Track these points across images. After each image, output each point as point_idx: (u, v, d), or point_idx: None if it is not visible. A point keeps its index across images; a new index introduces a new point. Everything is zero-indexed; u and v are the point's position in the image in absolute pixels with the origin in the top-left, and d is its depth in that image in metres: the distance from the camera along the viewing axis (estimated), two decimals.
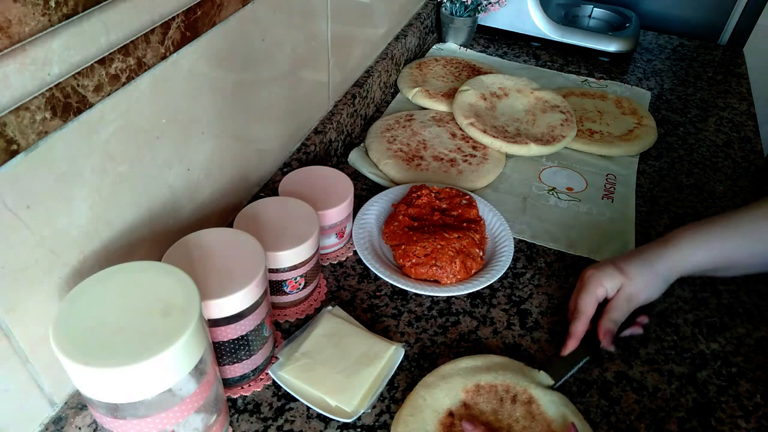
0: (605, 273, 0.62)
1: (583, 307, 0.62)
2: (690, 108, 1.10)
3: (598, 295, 0.62)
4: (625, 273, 0.62)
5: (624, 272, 0.62)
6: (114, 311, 0.43)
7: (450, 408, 0.56)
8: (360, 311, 0.68)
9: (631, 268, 0.62)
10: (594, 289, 0.62)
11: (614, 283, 0.62)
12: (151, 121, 0.54)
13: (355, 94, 0.95)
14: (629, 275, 0.62)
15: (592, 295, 0.62)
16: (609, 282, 0.62)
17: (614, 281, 0.62)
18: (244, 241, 0.54)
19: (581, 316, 0.62)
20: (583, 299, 0.62)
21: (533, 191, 0.87)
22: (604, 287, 0.62)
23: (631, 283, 0.61)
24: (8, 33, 0.38)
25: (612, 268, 0.62)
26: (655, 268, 0.62)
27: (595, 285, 0.62)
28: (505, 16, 1.25)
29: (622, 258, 0.64)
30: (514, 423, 0.55)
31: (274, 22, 0.69)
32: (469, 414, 0.56)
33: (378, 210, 0.79)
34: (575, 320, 0.63)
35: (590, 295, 0.62)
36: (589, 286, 0.62)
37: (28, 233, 0.44)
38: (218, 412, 0.50)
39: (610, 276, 0.62)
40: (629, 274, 0.62)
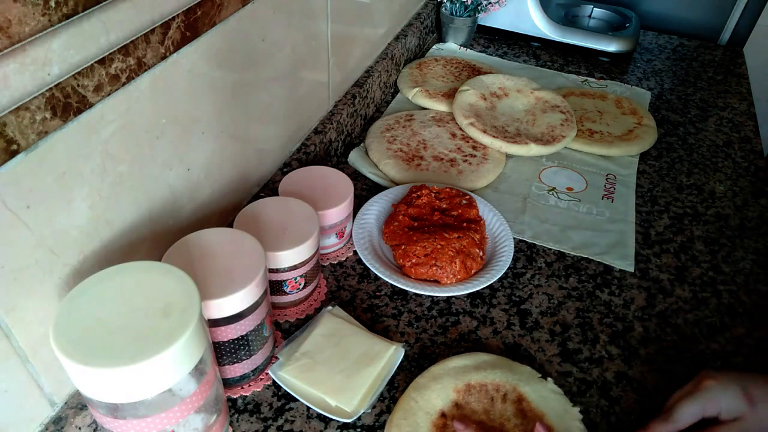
0: (728, 393, 0.52)
1: (681, 416, 0.52)
2: (690, 108, 1.10)
3: (707, 412, 0.52)
4: (753, 403, 0.51)
5: (752, 402, 0.51)
6: (114, 311, 0.43)
7: (442, 409, 0.56)
8: (360, 311, 0.68)
9: (763, 402, 0.51)
10: (706, 403, 0.52)
11: (733, 409, 0.51)
12: (151, 121, 0.54)
13: (355, 94, 0.95)
14: (758, 410, 0.50)
15: (699, 408, 0.52)
16: (728, 405, 0.51)
17: (735, 408, 0.51)
18: (244, 241, 0.54)
19: (670, 423, 0.52)
20: (687, 408, 0.52)
21: (533, 191, 0.87)
22: (718, 407, 0.51)
23: (756, 420, 0.50)
24: (8, 33, 0.38)
25: (739, 390, 0.51)
26: None
27: (709, 399, 0.52)
28: (505, 16, 1.25)
29: (753, 381, 0.52)
30: (505, 422, 0.56)
31: (274, 22, 0.69)
32: (461, 414, 0.56)
33: (378, 210, 0.79)
34: (662, 422, 0.53)
35: (697, 408, 0.52)
36: (703, 397, 0.52)
37: (28, 233, 0.44)
38: (218, 412, 0.50)
39: (732, 399, 0.51)
40: (758, 409, 0.51)
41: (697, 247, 0.79)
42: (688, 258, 0.77)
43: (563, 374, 0.62)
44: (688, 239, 0.80)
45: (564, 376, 0.61)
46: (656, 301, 0.71)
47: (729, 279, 0.74)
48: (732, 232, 0.82)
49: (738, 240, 0.80)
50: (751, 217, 0.85)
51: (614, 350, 0.65)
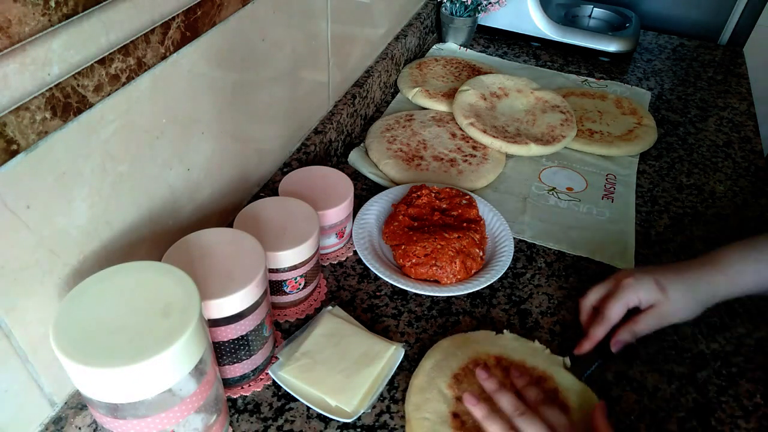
0: (643, 285, 0.60)
1: (611, 313, 0.60)
2: (690, 108, 1.10)
3: (630, 304, 0.60)
4: (664, 290, 0.60)
5: (663, 289, 0.60)
6: (114, 311, 0.43)
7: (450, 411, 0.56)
8: (360, 311, 0.68)
9: (671, 287, 0.60)
10: (628, 298, 0.60)
11: (650, 298, 0.60)
12: (151, 121, 0.54)
13: (355, 94, 0.95)
14: (668, 294, 0.59)
15: (624, 303, 0.60)
16: (645, 295, 0.60)
17: (650, 296, 0.60)
18: (244, 241, 0.54)
19: (605, 322, 0.60)
20: (613, 305, 0.60)
21: (533, 191, 0.87)
22: (638, 299, 0.60)
23: (667, 302, 0.59)
24: (8, 33, 0.38)
25: (651, 281, 0.60)
26: (697, 291, 0.60)
27: (630, 294, 0.60)
28: (505, 16, 1.25)
29: (661, 272, 0.61)
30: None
31: (274, 22, 0.69)
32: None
33: (378, 210, 0.79)
34: (598, 324, 0.61)
35: (621, 304, 0.60)
36: (624, 294, 0.60)
37: (28, 233, 0.44)
38: (218, 412, 0.50)
39: (647, 289, 0.60)
40: (668, 293, 0.59)
41: (697, 247, 0.79)
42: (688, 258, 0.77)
43: None
44: (688, 239, 0.80)
45: None
46: None
47: None
48: (732, 232, 0.82)
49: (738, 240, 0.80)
50: (751, 217, 0.85)
51: None
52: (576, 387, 0.58)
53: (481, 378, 0.57)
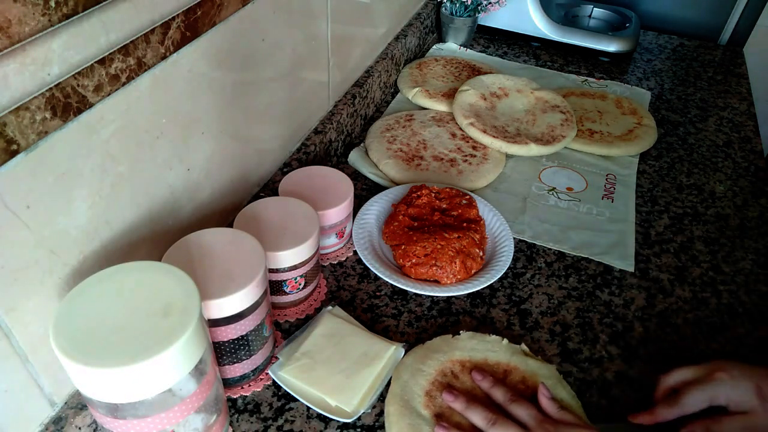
0: (740, 388, 0.52)
1: (688, 402, 0.53)
2: (690, 108, 1.10)
3: (714, 401, 0.52)
4: (765, 401, 0.51)
5: (764, 400, 0.51)
6: (114, 311, 0.43)
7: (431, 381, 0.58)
8: (360, 311, 0.68)
9: None
10: (715, 393, 0.52)
11: (743, 404, 0.51)
12: (151, 121, 0.54)
13: (355, 94, 0.95)
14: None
15: (708, 399, 0.52)
16: (738, 398, 0.51)
17: (745, 403, 0.51)
18: (244, 241, 0.54)
19: (677, 408, 0.53)
20: (695, 396, 0.53)
21: (533, 191, 0.87)
22: (727, 400, 0.52)
23: (764, 417, 0.51)
24: (8, 33, 0.38)
25: (751, 386, 0.51)
26: None
27: (719, 391, 0.52)
28: (505, 16, 1.25)
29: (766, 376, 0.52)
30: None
31: (274, 22, 0.69)
32: (448, 384, 0.58)
33: (378, 210, 0.79)
34: (669, 407, 0.53)
35: (705, 398, 0.52)
36: (713, 389, 0.52)
37: (28, 233, 0.44)
38: (218, 412, 0.50)
39: (744, 394, 0.51)
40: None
41: (697, 247, 0.79)
42: (688, 258, 0.77)
43: (563, 374, 0.61)
44: (688, 239, 0.80)
45: (564, 376, 0.61)
46: (656, 301, 0.71)
47: (729, 279, 0.74)
48: (732, 232, 0.82)
49: (738, 240, 0.80)
50: (751, 217, 0.85)
51: (614, 350, 0.65)
52: (543, 370, 0.60)
53: (448, 401, 0.56)
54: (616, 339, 0.66)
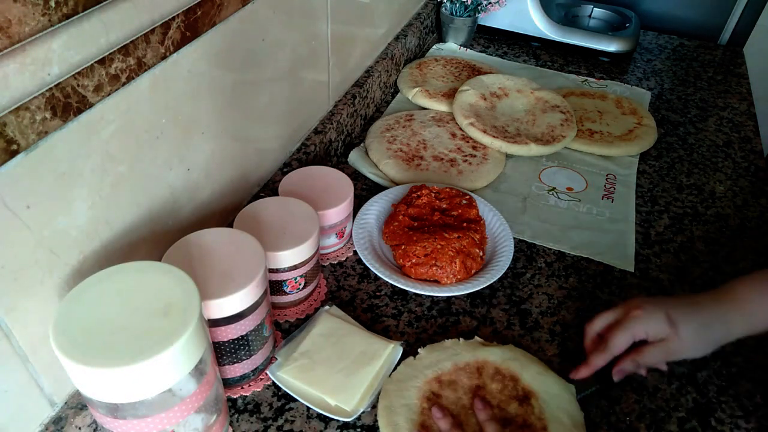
0: (653, 319, 0.57)
1: (615, 344, 0.58)
2: (690, 108, 1.10)
3: (636, 337, 0.58)
4: (674, 326, 0.56)
5: (674, 325, 0.56)
6: (114, 311, 0.43)
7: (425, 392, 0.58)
8: (360, 311, 0.68)
9: (683, 324, 0.56)
10: (635, 330, 0.57)
11: (658, 333, 0.57)
12: (151, 121, 0.54)
13: (355, 94, 0.95)
14: (679, 331, 0.56)
15: (630, 335, 0.57)
16: (654, 329, 0.57)
17: (659, 330, 0.56)
18: (244, 241, 0.54)
19: (607, 352, 0.58)
20: (619, 336, 0.58)
21: (533, 191, 0.87)
22: (645, 332, 0.57)
23: (677, 340, 0.56)
24: (8, 33, 0.38)
25: (662, 315, 0.57)
26: (711, 330, 0.56)
27: (637, 327, 0.57)
28: (505, 16, 1.25)
29: (674, 305, 0.58)
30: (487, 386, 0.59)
31: (274, 22, 0.69)
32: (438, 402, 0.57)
33: (378, 210, 0.79)
34: (600, 353, 0.59)
35: (627, 335, 0.58)
36: (631, 326, 0.57)
37: (28, 233, 0.44)
38: (218, 412, 0.50)
39: (656, 323, 0.57)
40: (679, 329, 0.56)
41: (697, 247, 0.79)
42: (688, 258, 0.77)
43: (563, 374, 0.61)
44: (688, 239, 0.80)
45: (564, 375, 0.61)
46: None
47: (729, 279, 0.74)
48: (732, 232, 0.82)
49: (738, 240, 0.80)
50: (751, 217, 0.85)
51: None
52: (507, 354, 0.61)
53: (436, 418, 0.55)
54: None
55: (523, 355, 0.62)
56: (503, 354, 0.61)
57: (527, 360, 0.61)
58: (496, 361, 0.61)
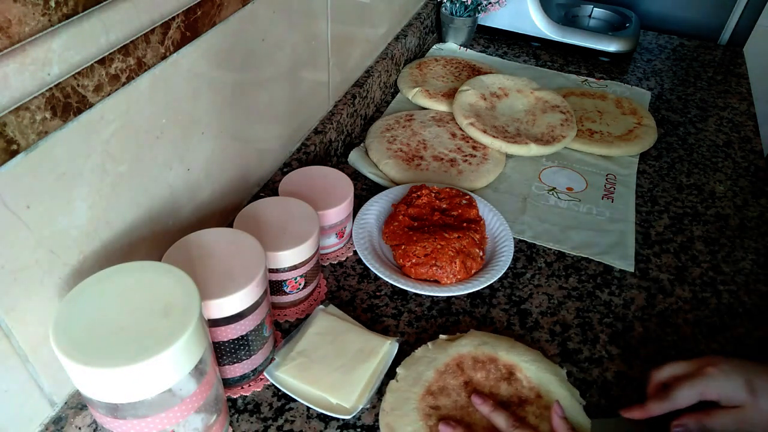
0: (731, 383, 0.52)
1: (679, 397, 0.53)
2: (690, 108, 1.10)
3: (705, 396, 0.52)
4: (755, 394, 0.51)
5: (754, 393, 0.51)
6: (114, 311, 0.43)
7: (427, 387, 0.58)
8: (360, 311, 0.68)
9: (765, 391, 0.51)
10: (705, 389, 0.52)
11: (734, 399, 0.51)
12: (151, 121, 0.54)
13: (355, 94, 0.95)
14: (759, 403, 0.50)
15: (699, 394, 0.52)
16: (729, 394, 0.52)
17: (736, 397, 0.51)
18: (244, 241, 0.54)
19: (668, 403, 0.53)
20: (686, 391, 0.53)
21: (533, 191, 0.87)
22: (718, 395, 0.52)
23: (756, 412, 0.50)
24: (8, 33, 0.38)
25: (741, 380, 0.51)
26: None
27: (709, 386, 0.52)
28: (505, 16, 1.25)
29: (756, 370, 0.52)
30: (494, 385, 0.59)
31: (274, 22, 0.69)
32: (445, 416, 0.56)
33: (378, 210, 0.79)
34: (660, 401, 0.54)
35: (696, 393, 0.52)
36: (703, 383, 0.52)
37: (28, 233, 0.44)
38: (218, 412, 0.50)
39: (734, 389, 0.51)
40: (760, 402, 0.50)
41: (697, 247, 0.79)
42: (688, 258, 0.77)
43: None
44: (688, 239, 0.80)
45: None
46: (656, 301, 0.71)
47: (729, 279, 0.74)
48: (732, 232, 0.82)
49: (738, 240, 0.80)
50: (751, 217, 0.85)
51: (614, 350, 0.65)
52: (474, 340, 0.62)
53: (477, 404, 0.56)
54: (616, 339, 0.66)
55: (488, 336, 0.63)
56: (472, 342, 0.62)
57: (494, 339, 0.63)
58: (471, 351, 0.61)
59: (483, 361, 0.60)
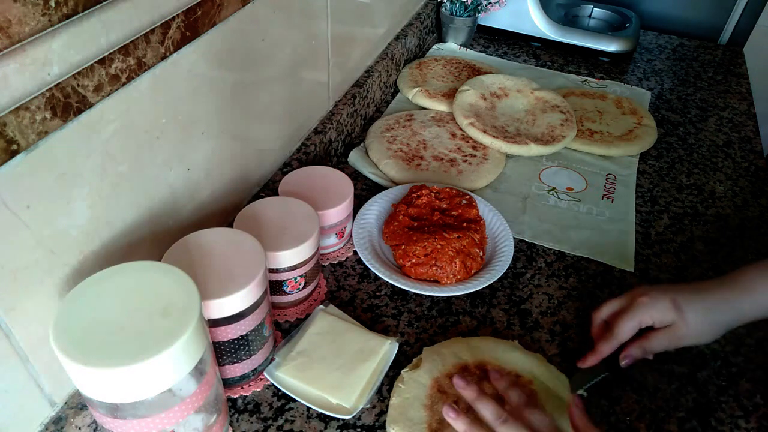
0: (659, 305, 0.57)
1: (621, 331, 0.58)
2: (690, 108, 1.10)
3: (642, 323, 0.58)
4: (680, 311, 0.56)
5: (680, 310, 0.56)
6: (114, 311, 0.43)
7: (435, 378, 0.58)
8: (360, 311, 0.68)
9: (689, 309, 0.56)
10: (641, 316, 0.57)
11: (665, 319, 0.57)
12: (151, 121, 0.54)
13: (355, 94, 0.95)
14: (686, 317, 0.56)
15: (636, 322, 0.58)
16: (660, 316, 0.57)
17: (666, 316, 0.57)
18: (244, 241, 0.54)
19: (614, 339, 0.58)
20: (625, 323, 0.58)
21: (533, 191, 0.87)
22: (652, 319, 0.57)
23: (684, 325, 0.56)
24: (8, 33, 0.38)
25: (667, 301, 0.57)
26: (717, 315, 0.56)
27: (643, 313, 0.57)
28: (505, 16, 1.25)
29: (680, 292, 0.58)
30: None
31: (274, 22, 0.69)
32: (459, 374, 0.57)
33: (378, 210, 0.79)
34: (606, 340, 0.59)
35: (633, 322, 0.58)
36: (637, 312, 0.58)
37: (28, 233, 0.44)
38: (218, 412, 0.50)
39: (663, 310, 0.57)
40: (686, 316, 0.56)
41: (697, 247, 0.79)
42: (688, 258, 0.77)
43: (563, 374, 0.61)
44: (688, 239, 0.80)
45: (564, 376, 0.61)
46: None
47: None
48: (732, 232, 0.82)
49: (738, 240, 0.80)
50: (751, 217, 0.85)
51: None
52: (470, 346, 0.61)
53: (459, 387, 0.55)
54: None
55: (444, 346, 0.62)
56: (434, 362, 0.60)
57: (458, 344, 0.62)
58: (441, 371, 0.59)
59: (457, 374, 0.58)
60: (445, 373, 0.59)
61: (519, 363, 0.60)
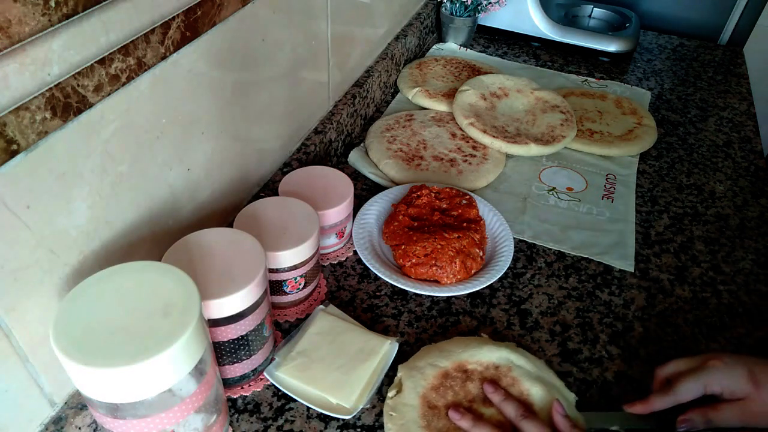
0: (733, 374, 0.52)
1: (681, 390, 0.53)
2: (690, 108, 1.10)
3: (708, 389, 0.52)
4: (758, 386, 0.51)
5: (757, 385, 0.51)
6: (114, 311, 0.43)
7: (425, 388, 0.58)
8: (360, 311, 0.68)
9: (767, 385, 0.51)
10: (708, 381, 0.52)
11: (737, 391, 0.51)
12: (151, 121, 0.54)
13: (355, 94, 0.95)
14: (762, 393, 0.51)
15: (701, 386, 0.52)
16: (732, 385, 0.52)
17: (739, 388, 0.51)
18: (244, 241, 0.54)
19: (671, 396, 0.53)
20: (688, 383, 0.53)
21: (533, 191, 0.87)
22: (720, 387, 0.52)
23: (759, 401, 0.51)
24: (8, 33, 0.38)
25: (743, 371, 0.52)
26: None
27: (712, 378, 0.52)
28: (505, 16, 1.25)
29: (759, 363, 0.52)
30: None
31: (274, 22, 0.69)
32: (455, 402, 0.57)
33: (378, 210, 0.79)
34: (663, 395, 0.54)
35: (698, 386, 0.52)
36: (706, 376, 0.52)
37: (28, 233, 0.44)
38: (218, 412, 0.50)
39: (736, 379, 0.52)
40: (763, 392, 0.51)
41: (697, 247, 0.79)
42: (688, 258, 0.77)
43: (563, 374, 0.62)
44: (688, 239, 0.80)
45: (564, 376, 0.61)
46: (656, 301, 0.71)
47: (729, 279, 0.74)
48: (732, 232, 0.82)
49: (738, 240, 0.80)
50: (751, 217, 0.85)
51: (614, 350, 0.65)
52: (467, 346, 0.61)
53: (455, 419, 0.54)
54: (616, 339, 0.66)
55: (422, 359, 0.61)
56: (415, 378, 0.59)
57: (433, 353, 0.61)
58: (428, 383, 0.58)
59: (441, 385, 0.58)
60: (429, 386, 0.58)
61: (494, 355, 0.60)
